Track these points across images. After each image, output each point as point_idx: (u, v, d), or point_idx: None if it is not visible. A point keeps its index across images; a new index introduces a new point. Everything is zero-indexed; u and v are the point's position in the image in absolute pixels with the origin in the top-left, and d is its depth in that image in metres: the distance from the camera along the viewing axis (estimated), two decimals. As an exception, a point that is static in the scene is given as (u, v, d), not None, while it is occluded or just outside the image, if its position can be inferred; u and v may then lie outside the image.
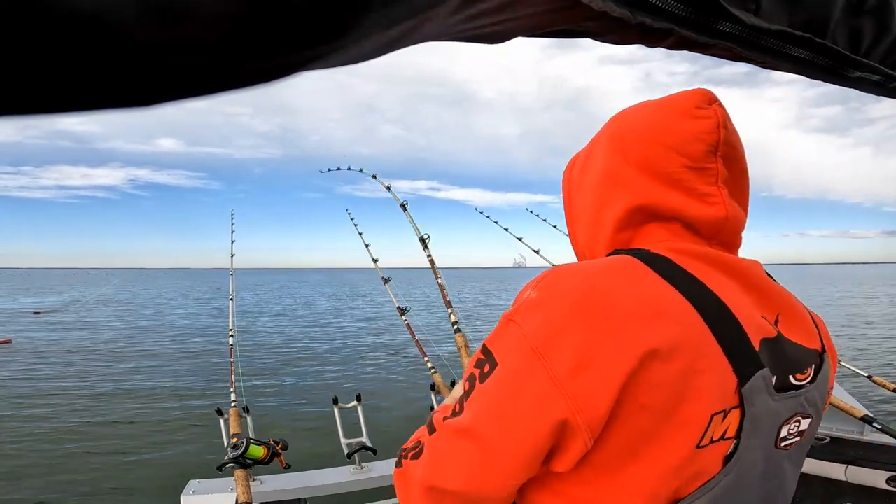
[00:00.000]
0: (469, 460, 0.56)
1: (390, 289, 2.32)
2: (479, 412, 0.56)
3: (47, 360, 11.60)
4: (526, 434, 0.54)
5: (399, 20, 0.26)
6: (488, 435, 0.55)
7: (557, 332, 0.53)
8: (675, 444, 0.54)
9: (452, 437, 0.58)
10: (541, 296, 0.56)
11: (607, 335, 0.52)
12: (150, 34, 0.20)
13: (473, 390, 0.58)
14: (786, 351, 0.62)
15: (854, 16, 0.53)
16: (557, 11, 0.38)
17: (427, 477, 0.59)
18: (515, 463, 0.55)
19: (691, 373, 0.53)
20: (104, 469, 5.40)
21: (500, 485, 0.57)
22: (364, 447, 1.76)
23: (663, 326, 0.53)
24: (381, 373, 9.86)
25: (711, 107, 0.63)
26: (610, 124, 0.71)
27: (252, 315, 22.43)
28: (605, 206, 0.68)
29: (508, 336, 0.57)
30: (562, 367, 0.52)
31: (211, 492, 1.66)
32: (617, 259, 0.60)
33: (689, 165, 0.62)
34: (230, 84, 0.24)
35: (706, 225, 0.64)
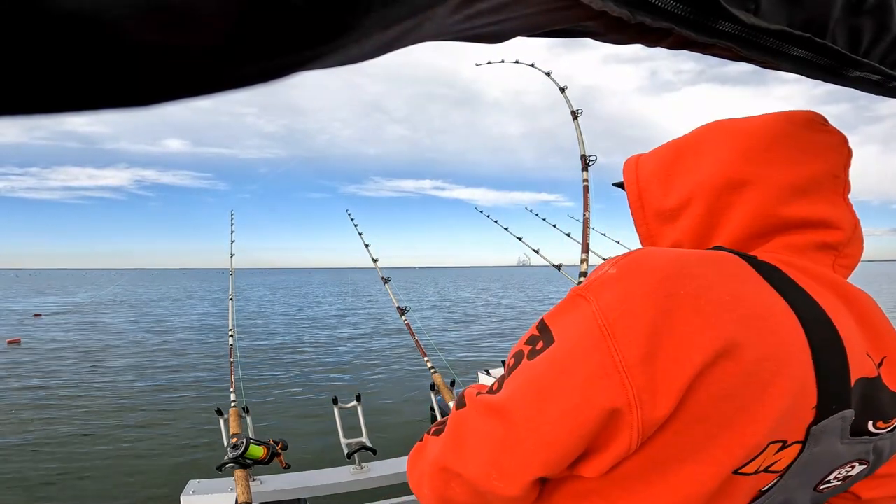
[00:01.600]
0: (492, 442, 0.50)
1: (390, 289, 2.32)
2: (517, 389, 0.50)
3: (49, 361, 11.59)
4: (565, 420, 0.47)
5: (399, 20, 0.26)
6: (521, 417, 0.49)
7: (633, 312, 0.47)
8: (713, 464, 0.48)
9: (480, 414, 0.52)
10: (621, 272, 0.50)
11: (689, 325, 0.46)
12: (149, 33, 0.20)
13: (517, 367, 0.52)
14: (880, 397, 0.54)
15: (854, 15, 0.53)
16: (556, 11, 0.38)
17: (442, 455, 0.55)
18: (543, 453, 0.48)
19: (767, 386, 0.47)
20: (104, 469, 5.40)
21: (516, 477, 0.50)
22: (364, 447, 1.76)
23: (754, 329, 0.47)
24: (381, 373, 9.85)
25: (832, 126, 0.62)
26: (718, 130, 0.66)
27: (254, 315, 22.43)
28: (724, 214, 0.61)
29: (575, 311, 0.50)
30: (630, 352, 0.46)
31: (211, 492, 1.66)
32: (716, 252, 0.54)
33: (828, 171, 0.59)
34: (230, 84, 0.24)
35: (846, 231, 0.59)
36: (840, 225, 0.58)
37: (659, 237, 0.69)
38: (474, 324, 17.36)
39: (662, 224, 0.68)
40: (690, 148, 0.67)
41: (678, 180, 0.66)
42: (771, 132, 0.61)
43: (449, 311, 21.60)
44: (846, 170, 0.60)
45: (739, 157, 0.60)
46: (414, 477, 0.61)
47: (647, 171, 0.71)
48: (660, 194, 0.68)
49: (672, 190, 0.66)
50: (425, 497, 0.58)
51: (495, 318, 19.37)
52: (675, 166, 0.67)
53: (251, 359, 11.21)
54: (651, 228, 0.70)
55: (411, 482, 0.62)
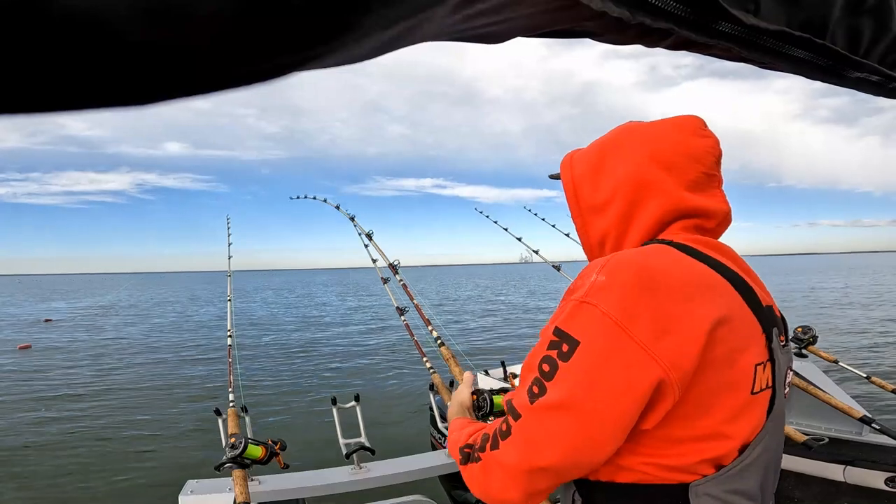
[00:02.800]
0: (568, 433, 0.62)
1: (389, 289, 2.32)
2: (571, 386, 0.61)
3: (54, 364, 11.59)
4: (623, 397, 0.60)
5: (398, 20, 0.26)
6: (586, 405, 0.61)
7: (632, 304, 0.61)
8: (738, 393, 0.66)
9: (547, 414, 0.63)
10: (609, 278, 0.64)
11: (677, 302, 0.62)
12: (148, 34, 0.19)
13: (557, 370, 0.63)
14: (776, 316, 0.76)
15: (853, 16, 0.53)
16: (556, 11, 0.38)
17: (524, 458, 0.65)
18: (615, 427, 0.62)
19: (740, 332, 0.66)
20: (102, 469, 5.39)
21: (599, 452, 0.64)
22: (362, 447, 1.75)
23: (716, 296, 0.65)
24: (380, 373, 9.85)
25: (709, 129, 0.80)
26: (630, 135, 0.82)
27: (254, 316, 22.42)
28: (640, 206, 0.78)
29: (585, 316, 0.63)
30: (646, 334, 0.60)
31: (209, 492, 1.66)
32: (657, 246, 0.72)
33: (704, 172, 0.77)
34: (230, 83, 0.24)
35: (718, 217, 0.78)
36: (714, 214, 0.78)
37: (590, 226, 0.85)
38: (474, 324, 17.37)
39: (594, 215, 0.83)
40: (611, 150, 0.82)
41: (604, 179, 0.81)
42: (669, 141, 0.78)
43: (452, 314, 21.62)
44: (718, 166, 0.79)
45: (647, 162, 0.77)
46: (493, 489, 0.70)
47: (580, 170, 0.85)
48: (591, 191, 0.83)
49: (600, 187, 0.82)
50: (513, 499, 0.68)
51: (496, 319, 19.37)
52: (601, 166, 0.82)
53: (250, 359, 11.20)
54: (585, 219, 0.85)
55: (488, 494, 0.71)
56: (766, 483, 0.72)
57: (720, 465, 0.67)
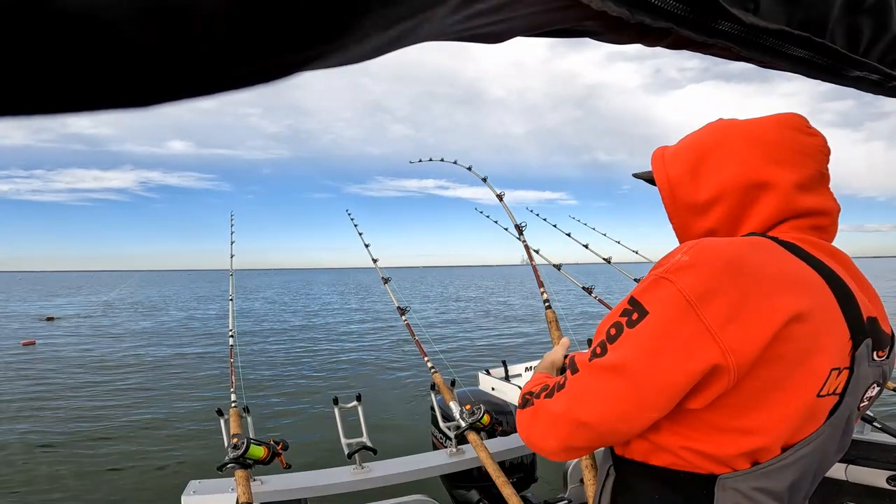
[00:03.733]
0: (617, 395, 0.65)
1: (390, 289, 2.32)
2: (630, 351, 0.64)
3: (56, 362, 11.60)
4: (676, 371, 0.62)
5: (398, 20, 0.26)
6: (639, 371, 0.63)
7: (711, 288, 0.62)
8: (801, 392, 0.65)
9: (600, 373, 0.66)
10: (693, 258, 0.64)
11: (758, 295, 0.61)
12: (150, 34, 0.20)
13: (621, 334, 0.65)
14: (879, 329, 0.73)
15: (853, 15, 0.53)
16: (556, 11, 0.38)
17: (569, 409, 0.68)
18: (661, 397, 0.64)
19: (821, 333, 0.64)
20: (105, 469, 5.40)
21: (639, 418, 0.66)
22: (364, 447, 1.75)
23: (803, 293, 0.64)
24: (382, 373, 9.85)
25: (814, 127, 0.77)
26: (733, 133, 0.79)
27: (255, 316, 22.43)
28: (752, 206, 0.77)
29: (661, 290, 0.64)
30: (715, 317, 0.61)
31: (211, 492, 1.66)
32: (756, 238, 0.72)
33: (819, 170, 0.76)
34: (232, 84, 0.24)
35: (832, 216, 0.77)
36: (829, 212, 0.76)
37: (691, 226, 0.83)
38: (474, 324, 17.35)
39: (694, 215, 0.82)
40: (712, 149, 0.80)
41: (707, 179, 0.79)
42: (777, 138, 0.76)
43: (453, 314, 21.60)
44: (827, 164, 0.77)
45: (760, 161, 0.75)
46: (535, 434, 0.74)
47: (676, 170, 0.83)
48: (691, 190, 0.81)
49: (702, 187, 0.80)
50: (550, 447, 0.72)
51: (497, 318, 19.35)
52: (701, 165, 0.80)
53: (252, 359, 11.20)
54: (684, 219, 0.84)
55: (529, 439, 0.75)
56: (798, 486, 0.71)
57: (756, 462, 0.68)
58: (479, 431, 1.67)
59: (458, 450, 1.88)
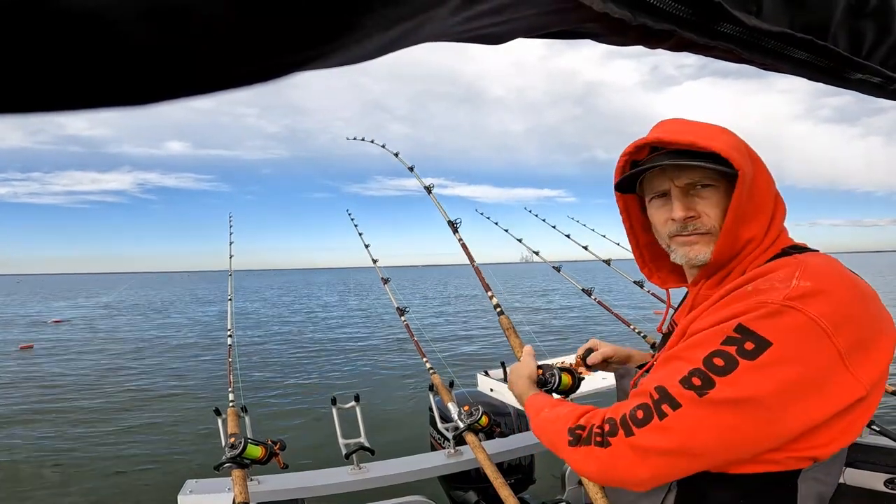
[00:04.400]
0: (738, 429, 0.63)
1: (389, 289, 2.32)
2: (760, 385, 0.61)
3: (54, 364, 11.59)
4: (815, 402, 0.62)
5: (399, 21, 0.26)
6: (775, 405, 0.61)
7: (845, 315, 0.62)
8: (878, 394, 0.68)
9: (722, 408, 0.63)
10: (817, 284, 0.64)
11: (876, 315, 0.65)
12: (151, 33, 0.19)
13: (736, 367, 0.63)
14: None
15: (855, 18, 0.53)
16: (558, 13, 0.38)
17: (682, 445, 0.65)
18: (796, 427, 0.63)
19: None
20: (102, 469, 5.39)
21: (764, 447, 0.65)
22: (362, 447, 1.75)
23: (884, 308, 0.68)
24: (380, 373, 9.84)
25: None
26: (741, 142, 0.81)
27: (255, 316, 22.41)
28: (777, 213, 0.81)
29: (788, 320, 0.62)
30: (847, 343, 0.61)
31: (208, 492, 1.66)
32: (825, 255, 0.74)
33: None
34: (231, 83, 0.24)
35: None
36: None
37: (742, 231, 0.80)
38: (473, 323, 17.34)
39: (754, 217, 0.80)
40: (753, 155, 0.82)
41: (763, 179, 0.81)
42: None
43: (452, 314, 21.59)
44: None
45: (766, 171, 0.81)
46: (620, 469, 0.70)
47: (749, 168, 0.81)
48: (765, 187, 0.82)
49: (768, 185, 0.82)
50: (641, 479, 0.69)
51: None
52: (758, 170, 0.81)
53: (250, 359, 11.19)
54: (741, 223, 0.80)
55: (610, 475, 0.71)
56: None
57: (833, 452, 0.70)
58: (478, 433, 1.67)
59: (456, 451, 1.88)
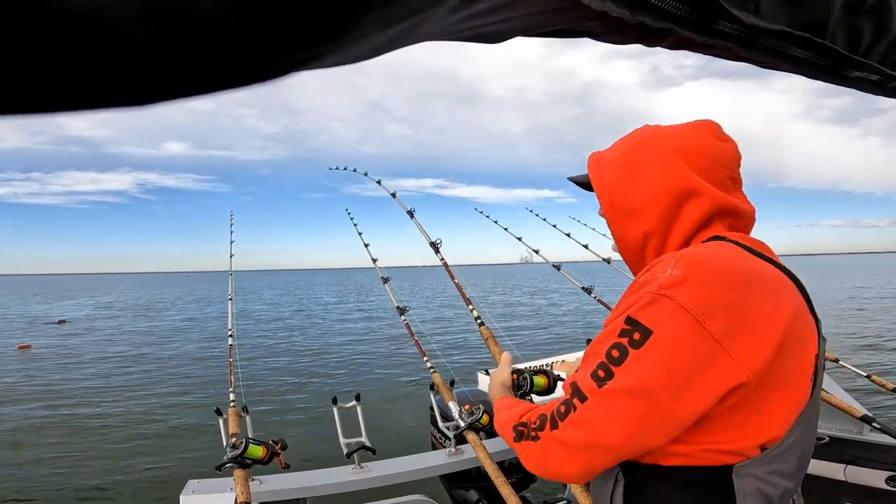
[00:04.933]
0: (637, 417, 0.66)
1: (389, 289, 2.32)
2: (644, 372, 0.65)
3: (54, 364, 11.60)
4: (697, 390, 0.64)
5: (398, 20, 0.26)
6: (659, 390, 0.64)
7: (711, 299, 0.64)
8: (802, 381, 0.71)
9: (617, 398, 0.66)
10: (685, 272, 0.66)
11: (755, 298, 0.65)
12: (148, 34, 0.20)
13: (626, 356, 0.66)
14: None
15: (853, 16, 0.53)
16: (556, 11, 0.38)
17: (590, 437, 0.69)
18: (685, 413, 0.65)
19: (806, 323, 0.71)
20: (103, 469, 5.40)
21: (664, 434, 0.67)
22: (363, 447, 1.75)
23: (786, 291, 0.70)
24: (381, 373, 9.85)
25: (726, 134, 0.83)
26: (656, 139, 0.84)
27: (255, 316, 22.41)
28: (683, 208, 0.80)
29: (661, 307, 0.65)
30: (722, 328, 0.63)
31: (210, 492, 1.66)
32: (725, 244, 0.76)
33: (730, 176, 0.82)
34: (230, 83, 0.24)
35: (746, 219, 0.83)
36: (746, 214, 0.82)
37: (628, 229, 0.86)
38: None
39: (630, 219, 0.85)
40: (640, 155, 0.85)
41: (638, 183, 0.84)
42: (697, 146, 0.81)
43: (452, 314, 21.59)
44: (738, 169, 0.83)
45: (684, 166, 0.80)
46: (552, 465, 0.75)
47: (612, 176, 0.87)
48: (625, 195, 0.85)
49: (634, 192, 0.84)
50: (572, 474, 0.74)
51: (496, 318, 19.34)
52: (633, 171, 0.85)
53: (251, 359, 11.20)
54: (621, 223, 0.88)
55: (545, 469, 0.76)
56: (802, 463, 0.75)
57: (764, 447, 0.71)
58: (479, 431, 1.67)
59: (457, 450, 1.88)
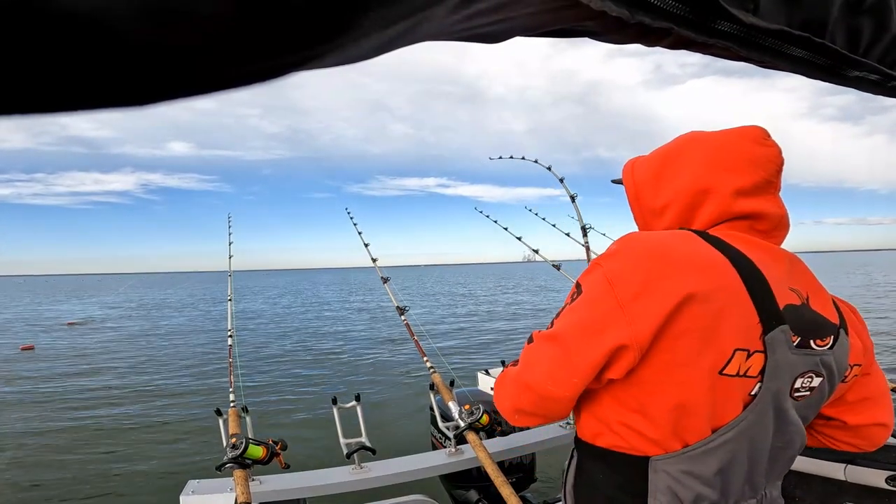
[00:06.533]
0: (551, 360, 0.75)
1: (389, 288, 2.32)
2: (564, 324, 0.75)
3: (57, 364, 11.60)
4: (595, 341, 0.71)
5: (397, 20, 0.26)
6: (568, 339, 0.73)
7: (626, 269, 0.72)
8: (703, 368, 0.71)
9: (542, 342, 0.77)
10: (618, 247, 0.76)
11: (661, 275, 0.70)
12: (148, 34, 0.20)
13: (563, 310, 0.78)
14: (810, 318, 0.78)
15: (852, 15, 0.53)
16: (555, 11, 0.38)
17: (520, 372, 0.78)
18: (583, 363, 0.72)
19: (724, 314, 0.70)
20: (104, 469, 5.40)
21: (567, 381, 0.73)
22: (363, 447, 1.75)
23: (705, 276, 0.71)
24: (381, 373, 9.85)
25: (771, 139, 0.84)
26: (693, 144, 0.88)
27: (255, 316, 22.43)
28: (697, 210, 0.85)
29: (594, 273, 0.76)
30: (626, 294, 0.71)
31: (210, 492, 1.66)
32: (678, 230, 0.81)
33: (767, 179, 0.82)
34: (228, 83, 0.24)
35: (772, 220, 0.83)
36: (769, 216, 0.83)
37: (651, 227, 0.92)
38: (473, 322, 17.35)
39: (654, 218, 0.92)
40: (672, 159, 0.89)
41: (664, 186, 0.89)
42: (728, 148, 0.83)
43: (453, 313, 21.59)
44: (779, 175, 0.84)
45: (705, 170, 0.84)
46: (498, 396, 0.84)
47: (641, 177, 0.93)
48: (652, 196, 0.91)
49: (660, 193, 0.90)
50: (505, 408, 0.82)
51: (496, 317, 19.35)
52: (662, 174, 0.90)
53: (251, 359, 11.20)
54: (647, 221, 0.94)
55: (496, 402, 0.85)
56: (729, 473, 0.76)
57: (687, 444, 0.74)
58: (478, 431, 1.67)
59: (457, 450, 1.88)
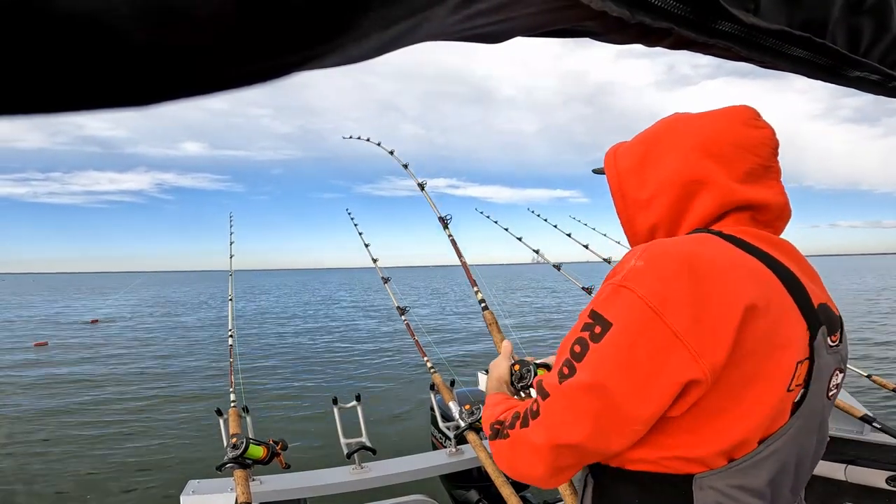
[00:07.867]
0: (597, 416, 0.63)
1: (389, 288, 2.32)
2: (602, 369, 0.62)
3: (61, 363, 11.61)
4: (654, 385, 0.60)
5: (397, 20, 0.26)
6: (615, 389, 0.61)
7: (670, 290, 0.61)
8: (773, 387, 0.64)
9: (574, 394, 0.64)
10: (647, 263, 0.63)
11: (715, 288, 0.61)
12: (149, 34, 0.20)
13: (587, 351, 0.64)
14: (831, 314, 0.73)
15: (853, 15, 0.53)
16: (556, 11, 0.38)
17: (551, 437, 0.66)
18: (642, 410, 0.62)
19: (782, 324, 0.64)
20: (104, 469, 5.40)
21: (624, 433, 0.64)
22: (363, 447, 1.75)
23: (756, 283, 0.63)
24: (381, 373, 9.85)
25: (763, 119, 0.76)
26: (676, 127, 0.79)
27: (256, 316, 22.43)
28: (691, 201, 0.76)
29: (621, 299, 0.63)
30: (680, 320, 0.59)
31: (210, 492, 1.66)
32: (701, 234, 0.71)
33: (762, 164, 0.74)
34: (229, 83, 0.24)
35: (774, 210, 0.76)
36: (771, 206, 0.75)
37: (637, 220, 0.83)
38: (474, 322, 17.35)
39: (640, 210, 0.82)
40: (656, 143, 0.80)
41: (650, 173, 0.80)
42: (720, 131, 0.75)
43: (453, 313, 21.60)
44: (775, 158, 0.76)
45: (696, 156, 0.75)
46: (519, 465, 0.72)
47: (625, 165, 0.84)
48: (637, 187, 0.82)
49: (646, 182, 0.80)
50: (538, 475, 0.70)
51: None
52: (646, 160, 0.81)
53: (252, 359, 11.20)
54: (630, 214, 0.84)
55: (514, 470, 0.73)
56: (779, 482, 0.69)
57: (732, 458, 0.66)
58: (479, 431, 1.67)
59: (458, 450, 1.89)
